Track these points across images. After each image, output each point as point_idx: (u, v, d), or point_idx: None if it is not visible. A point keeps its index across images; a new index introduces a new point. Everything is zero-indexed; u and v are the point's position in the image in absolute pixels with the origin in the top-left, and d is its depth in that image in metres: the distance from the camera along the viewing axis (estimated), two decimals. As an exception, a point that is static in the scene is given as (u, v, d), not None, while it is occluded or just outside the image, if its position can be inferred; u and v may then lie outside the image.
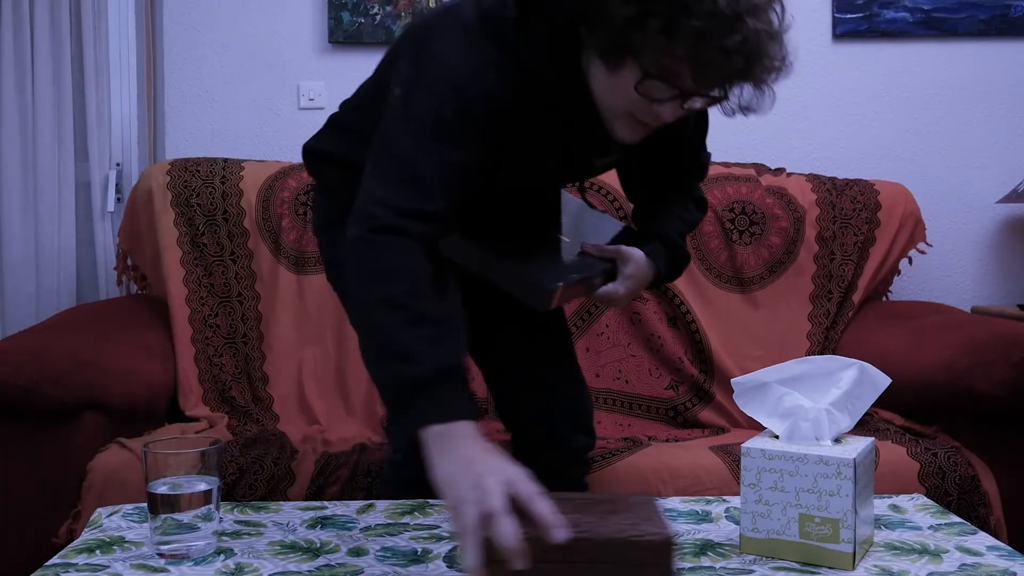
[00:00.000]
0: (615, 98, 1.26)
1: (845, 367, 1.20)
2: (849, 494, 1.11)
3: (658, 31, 1.16)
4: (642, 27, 1.17)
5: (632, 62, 1.21)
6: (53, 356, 1.87)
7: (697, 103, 1.26)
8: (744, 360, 2.39)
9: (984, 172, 2.82)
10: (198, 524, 1.15)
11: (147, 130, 2.74)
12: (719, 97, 1.28)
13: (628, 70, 1.22)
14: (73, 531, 1.76)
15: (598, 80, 1.27)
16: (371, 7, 2.71)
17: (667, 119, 1.26)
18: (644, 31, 1.17)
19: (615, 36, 1.20)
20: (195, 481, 1.15)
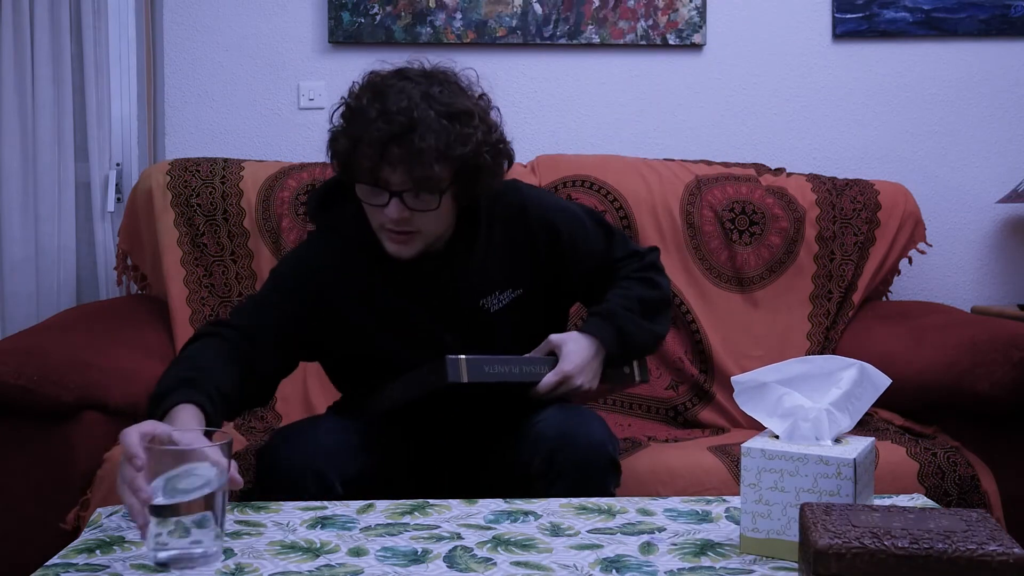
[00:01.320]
0: (370, 219, 1.53)
1: (845, 367, 1.20)
2: (849, 494, 1.11)
3: (342, 140, 1.49)
4: (336, 142, 1.51)
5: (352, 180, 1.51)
6: (53, 356, 1.87)
7: (413, 197, 1.47)
8: (744, 360, 2.39)
9: (984, 172, 2.82)
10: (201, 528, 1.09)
11: (147, 130, 2.74)
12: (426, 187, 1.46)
13: (357, 189, 1.51)
14: (82, 518, 1.76)
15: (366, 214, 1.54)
16: (371, 7, 2.71)
17: (393, 216, 1.47)
18: (338, 145, 1.50)
19: (337, 166, 1.53)
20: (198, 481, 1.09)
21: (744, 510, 1.17)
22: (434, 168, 1.44)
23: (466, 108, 1.48)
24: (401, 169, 1.45)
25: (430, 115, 1.43)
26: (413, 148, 1.42)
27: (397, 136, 1.42)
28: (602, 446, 1.56)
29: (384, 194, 1.47)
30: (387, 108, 1.43)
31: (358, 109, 1.47)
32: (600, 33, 2.74)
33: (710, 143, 2.79)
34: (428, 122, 1.43)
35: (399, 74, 1.50)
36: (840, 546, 0.93)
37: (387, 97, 1.45)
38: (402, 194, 1.47)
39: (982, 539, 0.93)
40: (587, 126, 2.80)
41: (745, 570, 1.12)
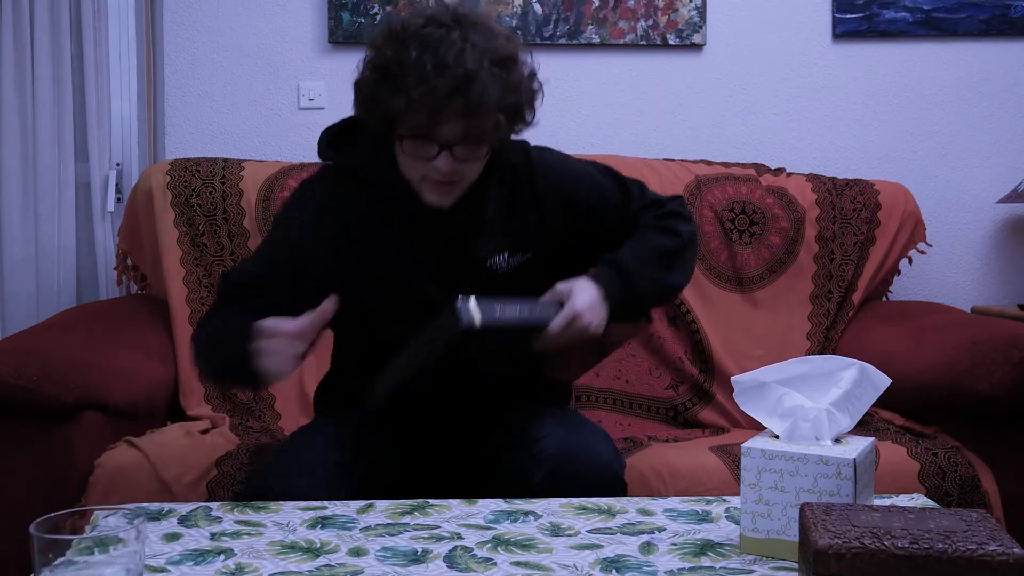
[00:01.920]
0: (408, 169, 1.49)
1: (845, 367, 1.20)
2: (849, 494, 1.11)
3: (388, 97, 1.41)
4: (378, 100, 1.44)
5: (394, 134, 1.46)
6: (53, 356, 1.87)
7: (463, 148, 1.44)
8: (744, 360, 2.39)
9: (984, 172, 2.82)
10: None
11: (147, 130, 2.74)
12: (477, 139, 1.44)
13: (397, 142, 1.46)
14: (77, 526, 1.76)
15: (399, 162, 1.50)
16: (371, 7, 2.71)
17: (444, 168, 1.44)
18: (380, 102, 1.43)
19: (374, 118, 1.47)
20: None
21: (744, 510, 1.17)
22: (494, 119, 1.42)
23: (509, 52, 1.45)
24: (458, 122, 1.41)
25: (484, 65, 1.39)
26: (473, 101, 1.38)
27: (457, 90, 1.38)
28: (608, 466, 1.52)
29: (434, 147, 1.43)
30: (442, 61, 1.37)
31: (408, 63, 1.39)
32: (600, 33, 2.74)
33: (710, 143, 2.79)
34: (484, 73, 1.39)
35: (434, 21, 1.43)
36: (840, 546, 0.93)
37: (437, 48, 1.38)
38: (452, 147, 1.43)
39: (982, 539, 0.93)
40: (587, 126, 2.80)
41: (745, 570, 1.12)
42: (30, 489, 1.83)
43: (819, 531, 0.95)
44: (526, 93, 1.48)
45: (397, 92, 1.40)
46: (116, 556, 0.95)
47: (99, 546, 0.96)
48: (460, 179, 1.48)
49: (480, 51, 1.40)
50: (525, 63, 1.49)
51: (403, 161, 1.49)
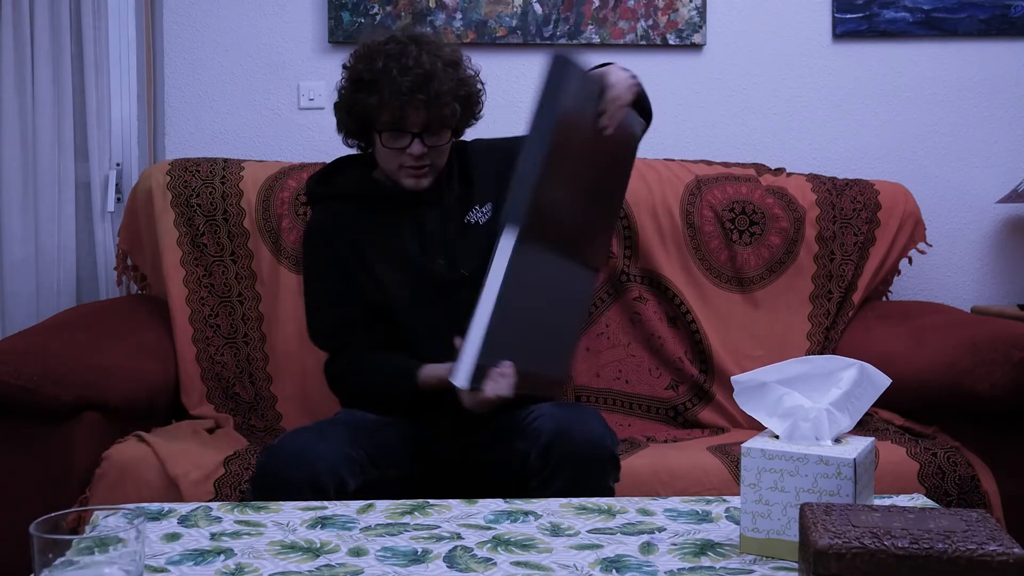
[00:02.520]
0: (386, 161, 1.80)
1: (845, 367, 1.20)
2: (849, 494, 1.11)
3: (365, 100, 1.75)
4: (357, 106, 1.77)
5: (373, 132, 1.79)
6: (53, 356, 1.87)
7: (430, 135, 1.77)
8: (744, 360, 2.39)
9: (984, 172, 2.82)
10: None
11: (147, 130, 2.74)
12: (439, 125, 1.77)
13: (376, 139, 1.79)
14: (81, 518, 1.76)
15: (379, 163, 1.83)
16: (371, 7, 2.71)
17: (417, 152, 1.76)
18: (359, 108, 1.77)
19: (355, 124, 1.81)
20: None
21: (744, 510, 1.17)
22: (451, 107, 1.76)
23: (456, 57, 1.81)
24: (423, 112, 1.73)
25: (439, 65, 1.74)
26: (433, 92, 1.72)
27: (419, 85, 1.72)
28: (600, 440, 1.62)
29: (407, 136, 1.75)
30: (405, 65, 1.72)
31: (379, 71, 1.73)
32: (600, 33, 2.74)
33: (710, 143, 2.79)
34: (439, 71, 1.74)
35: (393, 40, 1.77)
36: (840, 546, 0.93)
37: (400, 58, 1.73)
38: (422, 134, 1.75)
39: (982, 539, 0.93)
40: (587, 126, 2.79)
41: (745, 570, 1.12)
42: (30, 489, 1.83)
43: (819, 531, 0.95)
44: (474, 87, 1.83)
45: (371, 94, 1.74)
46: (116, 556, 0.95)
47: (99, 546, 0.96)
48: (431, 163, 1.79)
49: (433, 56, 1.75)
50: (469, 67, 1.85)
51: (382, 155, 1.80)
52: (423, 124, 1.76)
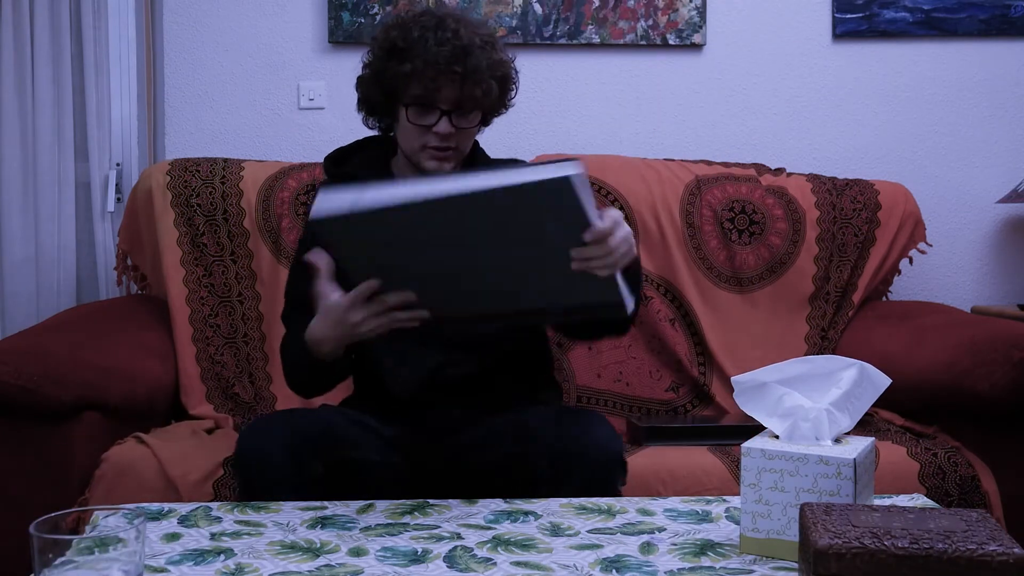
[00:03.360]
0: (409, 140, 1.67)
1: (845, 367, 1.20)
2: (849, 494, 1.11)
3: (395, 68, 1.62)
4: (385, 74, 1.64)
5: (399, 105, 1.65)
6: (53, 356, 1.87)
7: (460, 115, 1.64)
8: (743, 361, 2.38)
9: (984, 172, 2.82)
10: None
11: (147, 130, 2.74)
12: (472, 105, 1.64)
13: (401, 113, 1.65)
14: (81, 518, 1.76)
15: (400, 142, 1.70)
16: (371, 7, 2.71)
17: (443, 131, 1.63)
18: (387, 76, 1.64)
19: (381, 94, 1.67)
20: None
21: (744, 510, 1.17)
22: (487, 84, 1.63)
23: (492, 36, 1.69)
24: (457, 87, 1.62)
25: (476, 41, 1.62)
26: (470, 66, 1.60)
27: (456, 57, 1.60)
28: (609, 446, 1.54)
29: (435, 112, 1.63)
30: (443, 36, 1.60)
31: (412, 39, 1.61)
32: (600, 33, 2.74)
33: (710, 143, 2.79)
34: (476, 46, 1.62)
35: (428, 12, 1.66)
36: (840, 546, 0.93)
37: (437, 29, 1.61)
38: (452, 113, 1.63)
39: (982, 539, 0.93)
40: (587, 126, 2.80)
41: (745, 570, 1.12)
42: (30, 489, 1.83)
43: (819, 531, 0.95)
44: (510, 70, 1.70)
45: (404, 62, 1.62)
46: (116, 556, 0.95)
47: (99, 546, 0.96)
48: (455, 147, 1.66)
49: (471, 32, 1.63)
50: (504, 51, 1.71)
51: (406, 132, 1.67)
52: (455, 101, 1.63)
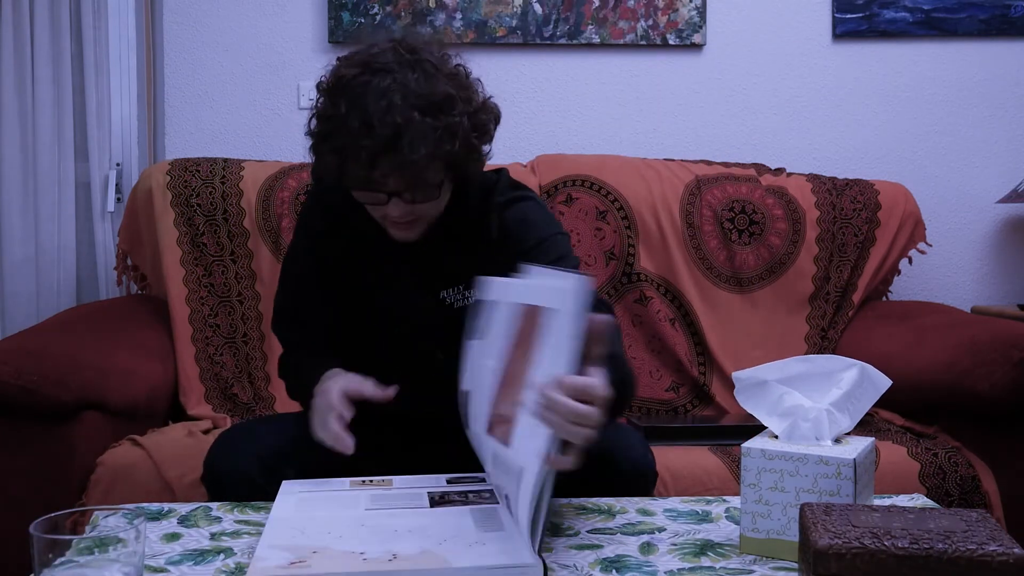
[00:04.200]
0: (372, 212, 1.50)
1: (846, 367, 1.20)
2: (849, 494, 1.11)
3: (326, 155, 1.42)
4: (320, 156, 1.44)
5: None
6: (53, 356, 1.87)
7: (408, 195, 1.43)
8: (744, 361, 2.38)
9: (984, 172, 2.82)
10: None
11: (147, 130, 2.74)
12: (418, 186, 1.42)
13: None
14: (78, 524, 1.76)
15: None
16: (371, 7, 2.71)
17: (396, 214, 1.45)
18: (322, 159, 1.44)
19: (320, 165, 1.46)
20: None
21: (744, 510, 1.17)
22: (428, 172, 1.40)
23: (447, 93, 1.39)
24: (394, 176, 1.40)
25: (414, 117, 1.35)
26: (403, 159, 1.36)
27: (385, 149, 1.35)
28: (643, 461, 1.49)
29: (382, 196, 1.43)
30: (368, 119, 1.35)
31: (337, 119, 1.38)
32: (600, 33, 2.74)
33: (710, 143, 2.79)
34: (414, 126, 1.35)
35: (369, 67, 1.39)
36: (840, 546, 0.93)
37: (366, 103, 1.35)
38: (401, 193, 1.43)
39: (982, 539, 0.93)
40: (587, 126, 2.80)
41: (745, 570, 1.12)
42: (30, 489, 1.83)
43: (819, 531, 0.95)
44: (467, 134, 1.42)
45: (332, 151, 1.40)
46: (116, 556, 0.95)
47: (99, 546, 0.96)
48: (418, 217, 1.48)
49: (412, 100, 1.36)
50: (472, 97, 1.44)
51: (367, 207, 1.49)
52: (399, 186, 1.41)
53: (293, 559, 1.07)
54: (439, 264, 1.56)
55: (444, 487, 1.34)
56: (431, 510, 1.25)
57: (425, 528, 1.17)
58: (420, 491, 1.32)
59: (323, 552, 1.10)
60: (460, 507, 1.25)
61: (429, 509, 1.25)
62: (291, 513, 1.24)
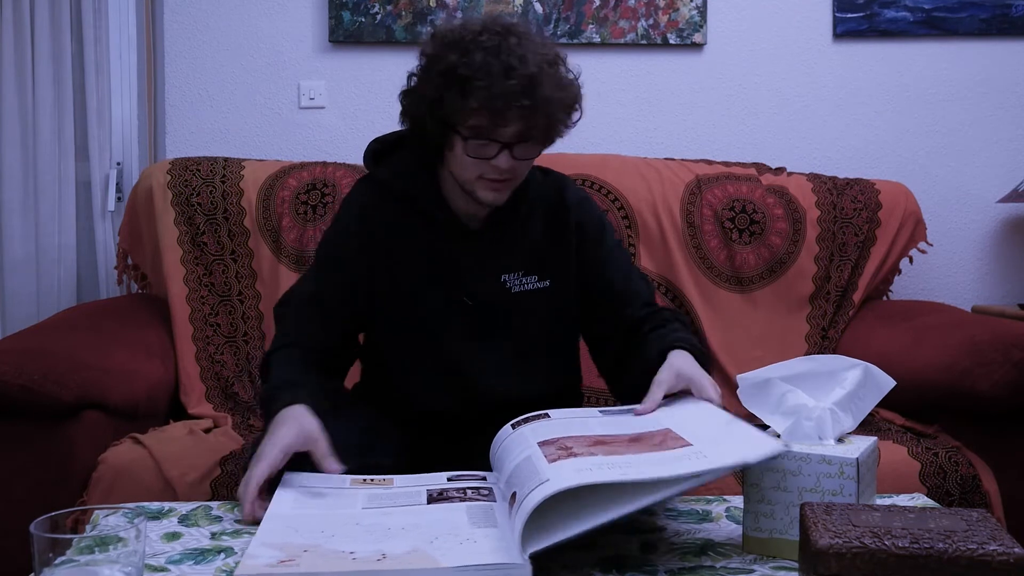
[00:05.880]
0: (464, 170, 1.52)
1: (850, 367, 1.20)
2: (852, 493, 1.11)
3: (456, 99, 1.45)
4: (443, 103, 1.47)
5: (456, 136, 1.49)
6: (53, 356, 1.87)
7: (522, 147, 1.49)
8: (744, 360, 2.38)
9: (984, 172, 2.82)
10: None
11: (147, 129, 2.74)
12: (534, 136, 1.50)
13: (457, 143, 1.50)
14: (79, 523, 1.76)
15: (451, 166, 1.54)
16: (371, 6, 2.70)
17: (504, 166, 1.49)
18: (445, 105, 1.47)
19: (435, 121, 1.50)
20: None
21: (747, 509, 1.17)
22: (556, 116, 1.49)
23: (556, 53, 1.52)
24: (524, 122, 1.47)
25: (544, 68, 1.46)
26: (539, 99, 1.45)
27: (525, 90, 1.44)
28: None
29: (495, 146, 1.48)
30: (508, 64, 1.43)
31: (477, 66, 1.44)
32: (600, 32, 2.74)
33: (710, 142, 2.79)
34: (545, 75, 1.46)
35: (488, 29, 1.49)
36: (840, 546, 0.93)
37: (500, 54, 1.44)
38: (513, 145, 1.49)
39: (982, 539, 0.93)
40: (587, 126, 2.77)
41: (745, 569, 1.12)
42: (31, 488, 1.82)
43: (819, 531, 0.95)
44: (577, 93, 1.55)
45: (466, 95, 1.45)
46: (116, 555, 0.95)
47: (99, 545, 0.96)
48: (513, 177, 1.54)
49: (537, 55, 1.47)
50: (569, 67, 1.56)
51: (461, 163, 1.52)
52: (518, 134, 1.48)
53: (283, 557, 1.07)
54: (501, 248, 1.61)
55: (444, 484, 1.33)
56: (427, 507, 1.24)
57: (418, 526, 1.16)
58: (419, 489, 1.31)
59: (314, 551, 1.09)
60: (456, 503, 1.24)
61: (425, 507, 1.24)
62: (288, 511, 1.24)
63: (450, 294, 1.60)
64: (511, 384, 1.62)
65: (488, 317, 1.61)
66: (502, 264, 1.62)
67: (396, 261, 1.61)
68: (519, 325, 1.62)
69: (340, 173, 2.47)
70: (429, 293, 1.61)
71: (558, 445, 1.18)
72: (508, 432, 1.32)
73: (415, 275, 1.61)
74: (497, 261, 1.62)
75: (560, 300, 1.65)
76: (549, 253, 1.64)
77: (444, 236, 1.61)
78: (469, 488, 1.30)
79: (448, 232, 1.61)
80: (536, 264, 1.63)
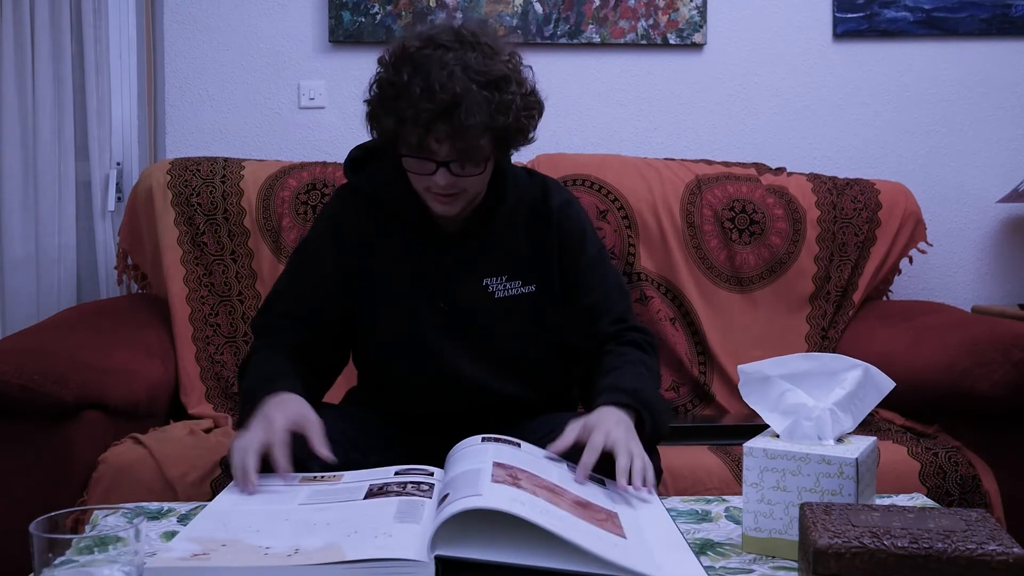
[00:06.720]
0: (414, 181, 1.54)
1: (850, 367, 1.20)
2: (852, 493, 1.11)
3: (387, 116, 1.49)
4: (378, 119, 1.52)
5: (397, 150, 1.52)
6: (53, 355, 1.87)
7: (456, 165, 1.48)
8: (744, 361, 2.35)
9: (984, 172, 2.82)
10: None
11: (147, 129, 2.74)
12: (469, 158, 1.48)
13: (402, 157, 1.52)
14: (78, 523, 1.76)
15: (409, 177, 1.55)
16: (372, 7, 2.70)
17: (442, 183, 1.49)
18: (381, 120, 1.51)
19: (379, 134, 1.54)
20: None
21: (746, 509, 1.17)
22: (480, 141, 1.46)
23: (503, 73, 1.48)
24: (448, 142, 1.46)
25: (472, 89, 1.43)
26: (459, 124, 1.43)
27: (443, 113, 1.43)
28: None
29: (431, 164, 1.48)
30: (430, 85, 1.43)
31: (400, 85, 1.46)
32: (600, 32, 2.74)
33: (710, 142, 2.79)
34: (471, 96, 1.43)
35: (432, 42, 1.48)
36: (840, 546, 0.93)
37: (428, 71, 1.44)
38: (449, 164, 1.48)
39: (982, 539, 0.93)
40: (587, 126, 2.80)
41: (745, 569, 1.12)
42: (31, 488, 1.82)
43: (819, 531, 0.95)
44: (519, 112, 1.50)
45: (389, 113, 1.48)
46: (116, 555, 0.95)
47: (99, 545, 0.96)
48: (461, 191, 1.52)
49: (472, 73, 1.44)
50: (524, 81, 1.53)
51: (410, 175, 1.54)
52: (450, 155, 1.48)
53: (197, 551, 1.06)
54: (483, 253, 1.61)
55: (388, 479, 1.30)
56: (360, 503, 1.21)
57: (345, 520, 1.14)
58: (363, 484, 1.28)
59: (231, 545, 1.08)
60: (391, 498, 1.21)
61: (360, 502, 1.21)
62: (227, 506, 1.23)
63: (430, 300, 1.60)
64: (495, 388, 1.61)
65: (470, 322, 1.60)
66: (484, 269, 1.61)
67: (375, 267, 1.61)
68: (503, 331, 1.61)
69: (340, 173, 2.47)
70: (410, 298, 1.60)
71: (510, 472, 1.17)
72: (474, 442, 1.32)
73: (396, 281, 1.61)
74: (479, 266, 1.61)
75: (546, 304, 1.64)
76: (532, 257, 1.63)
77: (426, 242, 1.61)
78: (411, 483, 1.27)
79: (429, 238, 1.61)
80: (520, 269, 1.62)
